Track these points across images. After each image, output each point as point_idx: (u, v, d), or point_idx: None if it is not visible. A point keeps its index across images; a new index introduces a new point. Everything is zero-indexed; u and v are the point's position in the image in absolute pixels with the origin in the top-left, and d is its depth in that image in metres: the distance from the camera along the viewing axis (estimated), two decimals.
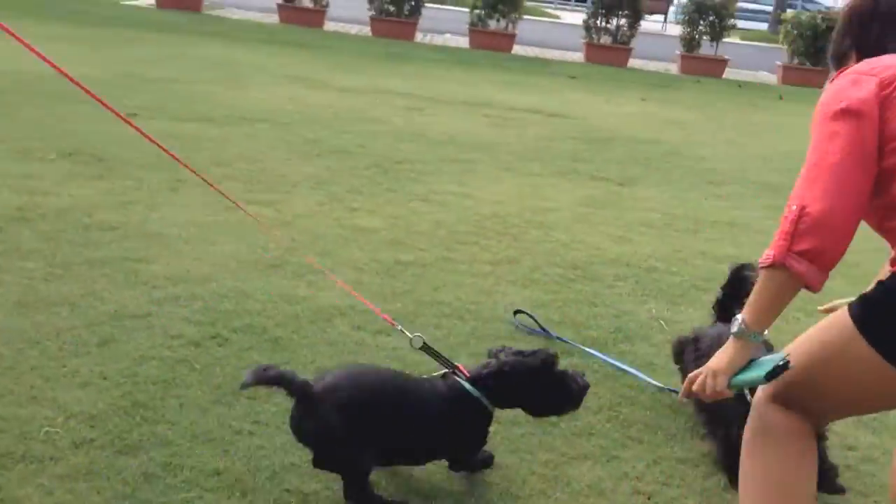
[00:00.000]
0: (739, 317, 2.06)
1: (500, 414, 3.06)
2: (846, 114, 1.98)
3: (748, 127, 10.94)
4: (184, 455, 2.67)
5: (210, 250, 4.39)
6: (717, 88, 15.27)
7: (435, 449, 2.64)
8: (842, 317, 2.00)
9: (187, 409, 2.92)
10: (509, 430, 3.00)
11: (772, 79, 18.67)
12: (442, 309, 3.97)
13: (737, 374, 2.07)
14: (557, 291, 4.35)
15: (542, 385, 2.61)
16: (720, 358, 2.10)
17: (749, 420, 2.20)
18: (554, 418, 2.96)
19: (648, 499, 2.74)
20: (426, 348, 2.70)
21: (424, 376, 2.76)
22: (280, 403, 3.00)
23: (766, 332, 2.09)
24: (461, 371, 2.66)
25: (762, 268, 2.01)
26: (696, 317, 4.21)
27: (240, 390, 2.74)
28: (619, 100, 11.81)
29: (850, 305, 2.00)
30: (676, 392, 3.14)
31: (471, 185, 6.22)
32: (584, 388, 2.67)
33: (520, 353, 2.64)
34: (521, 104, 10.26)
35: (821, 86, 17.76)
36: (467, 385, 2.60)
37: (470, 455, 2.72)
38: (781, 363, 2.01)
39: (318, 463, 2.51)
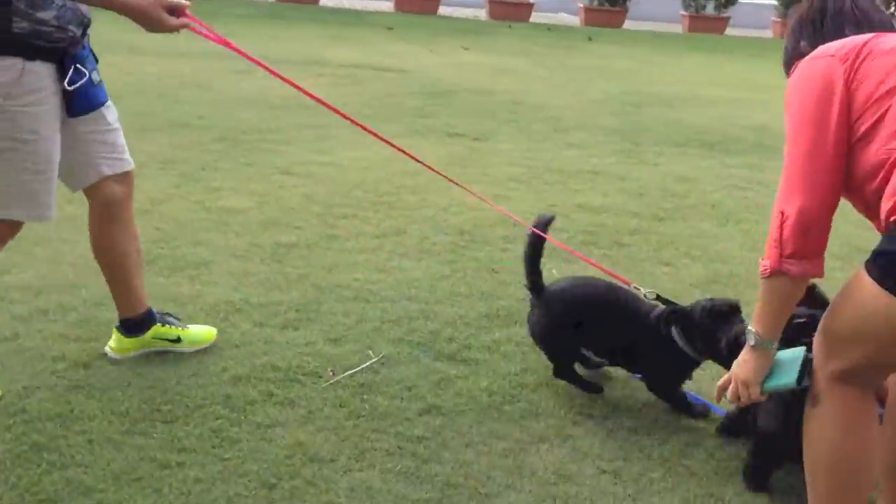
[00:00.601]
0: (752, 329, 2.14)
1: (443, 403, 2.90)
2: (808, 103, 2.03)
3: (570, 71, 11.10)
4: (110, 503, 2.31)
5: (66, 251, 3.89)
6: (528, 33, 15.45)
7: (636, 360, 2.98)
8: (858, 273, 2.01)
9: (98, 446, 2.53)
10: (455, 420, 2.82)
11: (574, 21, 19.15)
12: (343, 293, 3.70)
13: (765, 380, 2.18)
14: (454, 261, 4.16)
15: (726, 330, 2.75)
16: (744, 369, 2.19)
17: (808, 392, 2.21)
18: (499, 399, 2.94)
19: (615, 477, 2.63)
20: (659, 298, 2.90)
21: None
22: (202, 425, 2.68)
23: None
24: None
25: (763, 279, 2.07)
26: (594, 272, 4.15)
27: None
28: (442, 49, 11.68)
29: (866, 262, 1.99)
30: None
31: (331, 153, 5.89)
32: None
33: (711, 300, 2.85)
34: (350, 60, 9.92)
35: (620, 25, 18.47)
36: (672, 329, 2.83)
37: (663, 391, 2.97)
38: (804, 360, 2.11)
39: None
